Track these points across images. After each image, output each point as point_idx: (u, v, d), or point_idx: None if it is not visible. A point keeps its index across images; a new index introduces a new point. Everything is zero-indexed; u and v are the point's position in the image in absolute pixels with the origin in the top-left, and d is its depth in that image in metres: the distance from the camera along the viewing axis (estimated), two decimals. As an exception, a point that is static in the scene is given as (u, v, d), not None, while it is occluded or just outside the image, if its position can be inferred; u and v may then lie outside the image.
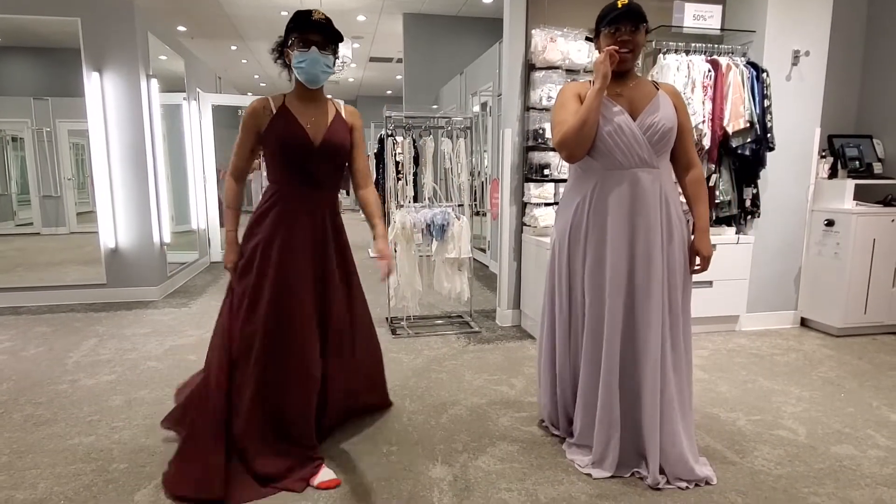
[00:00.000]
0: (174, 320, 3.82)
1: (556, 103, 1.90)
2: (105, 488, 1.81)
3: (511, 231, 3.60)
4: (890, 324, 3.52)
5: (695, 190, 1.88)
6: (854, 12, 3.82)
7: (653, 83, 1.86)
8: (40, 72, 4.87)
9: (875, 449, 2.09)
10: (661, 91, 1.83)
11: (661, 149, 1.79)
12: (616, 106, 1.78)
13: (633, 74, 1.84)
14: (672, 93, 1.86)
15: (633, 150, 1.77)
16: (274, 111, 1.81)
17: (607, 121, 1.77)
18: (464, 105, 6.36)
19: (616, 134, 1.76)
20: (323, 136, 1.81)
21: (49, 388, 2.62)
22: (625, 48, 1.74)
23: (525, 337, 3.45)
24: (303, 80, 1.80)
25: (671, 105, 1.80)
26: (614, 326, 1.81)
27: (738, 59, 3.30)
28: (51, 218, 4.96)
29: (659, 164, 1.80)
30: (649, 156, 1.77)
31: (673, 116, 1.78)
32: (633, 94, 1.80)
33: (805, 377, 2.82)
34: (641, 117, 1.77)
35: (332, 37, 1.77)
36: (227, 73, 11.00)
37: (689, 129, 1.86)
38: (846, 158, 3.60)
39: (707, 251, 1.85)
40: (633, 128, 1.75)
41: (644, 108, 1.78)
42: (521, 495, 1.77)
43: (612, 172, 1.80)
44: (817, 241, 3.58)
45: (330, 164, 1.86)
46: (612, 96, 1.79)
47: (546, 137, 3.36)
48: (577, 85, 1.90)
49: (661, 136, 1.76)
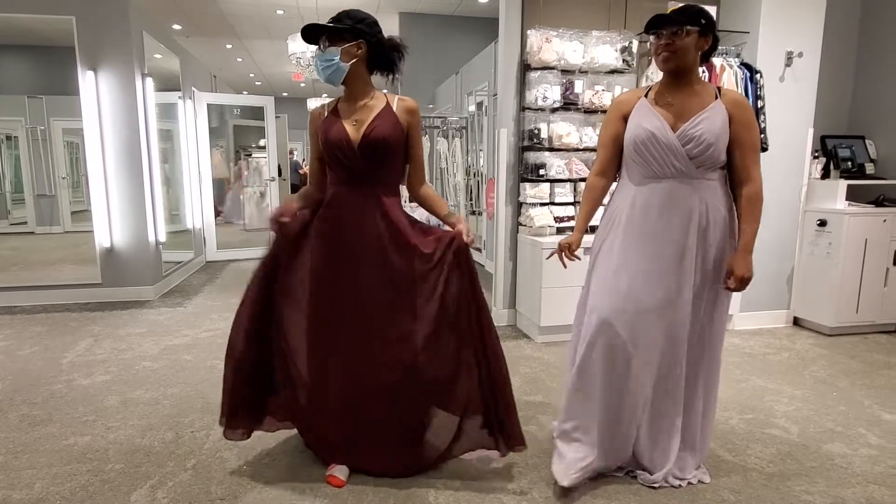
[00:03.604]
0: (169, 320, 3.81)
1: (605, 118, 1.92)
2: (101, 488, 1.81)
3: (507, 231, 3.61)
4: (881, 323, 3.56)
5: (745, 207, 1.77)
6: (847, 14, 3.85)
7: (717, 91, 1.76)
8: (35, 70, 4.85)
9: (866, 447, 2.11)
10: (719, 101, 1.73)
11: (705, 161, 1.71)
12: (656, 115, 1.74)
13: (691, 79, 1.75)
14: (733, 102, 1.74)
15: (667, 161, 1.72)
16: (326, 115, 1.84)
17: (643, 129, 1.73)
18: (459, 105, 6.36)
19: (650, 143, 1.72)
20: (363, 133, 1.77)
21: (44, 389, 2.61)
22: (665, 51, 1.70)
23: (521, 337, 3.46)
24: (325, 83, 1.83)
25: (723, 116, 1.71)
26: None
27: (732, 59, 3.32)
28: (45, 217, 4.95)
29: (702, 175, 1.73)
30: (687, 167, 1.71)
31: (720, 129, 1.69)
32: (686, 102, 1.73)
33: (798, 376, 2.84)
34: (684, 127, 1.70)
35: (315, 33, 1.75)
36: (223, 72, 10.95)
37: (749, 141, 1.74)
38: (839, 159, 3.62)
39: (742, 272, 1.72)
40: (669, 138, 1.70)
41: (690, 117, 1.71)
42: (516, 494, 1.78)
43: (647, 182, 1.77)
44: (810, 241, 3.60)
45: (374, 161, 1.78)
46: (661, 105, 1.76)
47: (541, 138, 3.38)
48: (627, 99, 1.85)
49: (703, 148, 1.69)
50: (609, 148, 1.88)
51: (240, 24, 7.82)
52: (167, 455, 2.01)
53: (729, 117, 1.72)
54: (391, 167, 1.84)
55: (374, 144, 1.76)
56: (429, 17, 7.25)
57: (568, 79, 3.38)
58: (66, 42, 4.02)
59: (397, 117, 1.80)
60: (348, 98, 1.84)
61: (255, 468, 1.93)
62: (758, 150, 1.77)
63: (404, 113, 1.83)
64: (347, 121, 1.79)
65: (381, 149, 1.77)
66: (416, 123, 1.87)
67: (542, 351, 3.17)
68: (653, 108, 1.76)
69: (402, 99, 1.85)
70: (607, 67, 3.39)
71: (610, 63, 3.37)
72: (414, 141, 1.87)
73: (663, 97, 1.77)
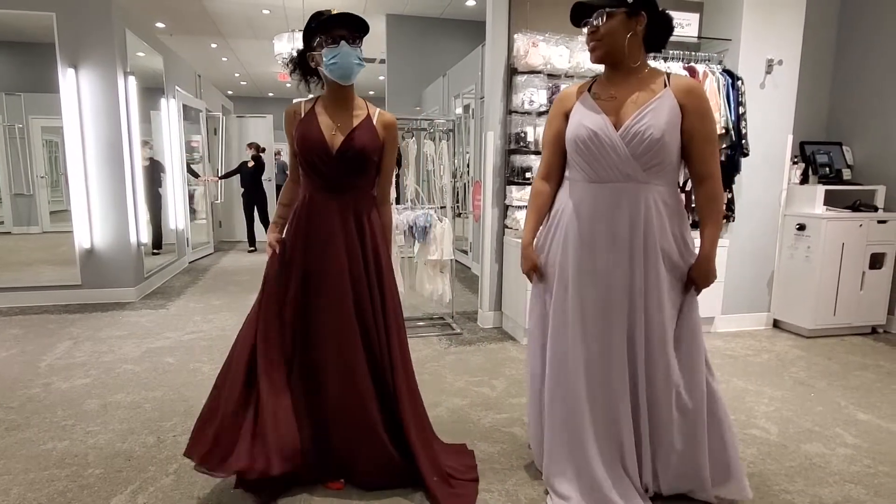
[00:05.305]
0: (151, 322, 3.75)
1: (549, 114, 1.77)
2: (80, 494, 1.77)
3: (493, 233, 3.63)
4: (858, 325, 3.64)
5: (703, 208, 1.61)
6: (825, 25, 3.94)
7: (665, 78, 1.57)
8: (12, 67, 4.75)
9: (843, 447, 2.16)
10: (667, 90, 1.53)
11: (651, 161, 1.53)
12: (598, 111, 1.57)
13: (632, 67, 1.57)
14: (685, 90, 1.53)
15: (611, 162, 1.55)
16: (303, 115, 1.78)
17: (584, 128, 1.57)
18: (446, 107, 6.38)
19: (592, 143, 1.56)
20: (343, 141, 1.74)
21: (21, 392, 2.55)
22: (590, 40, 1.56)
23: (506, 339, 3.47)
24: (337, 78, 1.72)
25: (671, 108, 1.51)
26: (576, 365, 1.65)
27: (714, 66, 3.39)
28: (23, 217, 4.84)
29: (651, 178, 1.55)
30: (633, 169, 1.54)
31: (666, 123, 1.50)
32: (630, 94, 1.55)
33: (777, 377, 2.90)
34: (627, 124, 1.52)
35: (358, 27, 1.70)
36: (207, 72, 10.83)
37: (704, 134, 1.54)
38: (817, 165, 3.71)
39: (703, 282, 1.60)
40: (612, 137, 1.53)
41: (634, 112, 1.53)
42: (501, 496, 1.79)
43: (590, 185, 1.62)
44: (789, 245, 3.68)
45: (351, 170, 1.76)
46: (604, 98, 1.58)
47: (528, 141, 3.40)
48: (569, 94, 1.70)
49: (646, 147, 1.51)
50: (552, 147, 1.73)
51: (225, 24, 7.75)
52: (148, 460, 1.98)
53: (681, 108, 1.52)
54: (367, 176, 1.84)
55: (353, 153, 1.75)
56: (416, 20, 7.26)
57: (554, 83, 3.41)
58: (45, 39, 3.95)
59: (377, 130, 1.80)
60: (333, 101, 1.79)
61: (239, 472, 1.91)
62: (715, 141, 1.58)
63: (382, 128, 1.82)
64: (327, 126, 1.76)
65: (359, 158, 1.76)
66: (393, 140, 1.87)
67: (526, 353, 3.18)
68: (595, 104, 1.59)
69: (383, 113, 1.85)
70: (593, 72, 3.42)
71: (595, 68, 3.40)
72: (387, 156, 1.87)
73: (606, 90, 1.59)
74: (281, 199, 1.93)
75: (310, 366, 1.80)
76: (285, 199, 1.92)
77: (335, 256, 1.77)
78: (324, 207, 1.78)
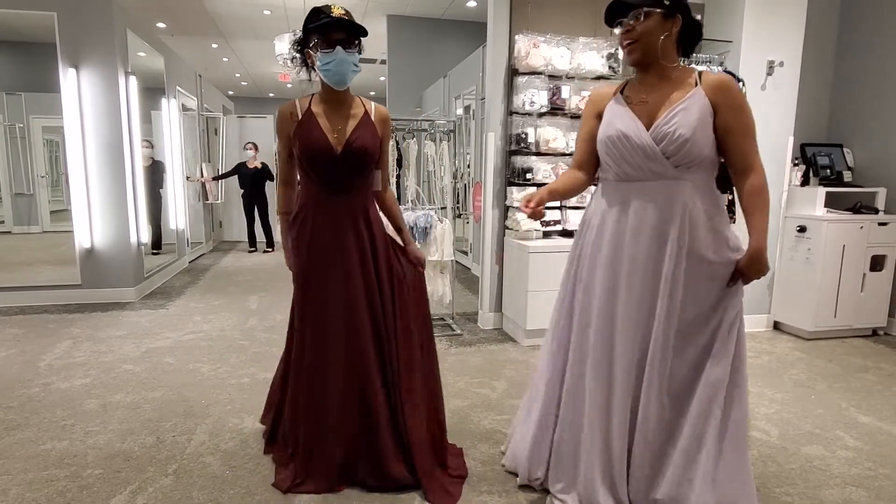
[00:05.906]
0: (151, 322, 3.75)
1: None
2: (79, 494, 1.77)
3: (493, 234, 3.62)
4: (858, 327, 3.63)
5: (749, 201, 1.58)
6: (825, 26, 3.94)
7: (696, 76, 1.56)
8: (13, 66, 4.75)
9: (844, 450, 2.16)
10: (698, 88, 1.53)
11: (683, 159, 1.53)
12: (630, 114, 1.59)
13: (665, 69, 1.57)
14: (715, 87, 1.52)
15: (641, 162, 1.57)
16: (300, 116, 1.75)
17: (615, 129, 1.59)
18: (447, 108, 6.38)
19: (622, 144, 1.58)
20: (346, 142, 1.73)
21: (20, 392, 2.55)
22: (626, 39, 1.55)
23: (507, 340, 3.47)
24: (332, 84, 1.72)
25: (702, 106, 1.51)
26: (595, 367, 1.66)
27: (715, 68, 3.38)
28: (23, 216, 4.84)
29: (685, 175, 1.55)
30: (664, 168, 1.55)
31: (697, 121, 1.50)
32: (662, 95, 1.56)
33: (777, 379, 2.89)
34: (657, 124, 1.53)
35: (356, 31, 1.67)
36: (208, 72, 10.84)
37: (740, 128, 1.53)
38: (818, 166, 3.70)
39: (755, 273, 1.56)
40: (642, 137, 1.54)
41: (665, 112, 1.54)
42: (501, 498, 1.78)
43: (620, 184, 1.63)
44: (790, 247, 3.67)
45: (355, 170, 1.77)
46: (636, 102, 1.60)
47: (529, 142, 3.40)
48: (602, 95, 1.72)
49: (678, 145, 1.51)
50: (584, 146, 1.76)
51: (225, 24, 7.75)
52: (148, 460, 1.98)
53: (713, 105, 1.52)
54: (369, 174, 1.85)
55: (358, 152, 1.74)
56: (417, 21, 7.26)
57: (555, 84, 3.41)
58: (46, 38, 3.95)
59: (376, 127, 1.80)
60: (329, 100, 1.77)
61: (238, 473, 1.91)
62: (753, 134, 1.56)
63: (381, 122, 1.83)
64: (328, 127, 1.74)
65: (363, 157, 1.76)
66: (388, 131, 1.91)
67: (527, 354, 3.18)
68: (627, 107, 1.61)
69: (378, 107, 1.85)
70: (594, 73, 3.43)
71: (596, 69, 3.41)
72: (384, 146, 1.89)
73: (638, 93, 1.61)
74: (282, 208, 1.93)
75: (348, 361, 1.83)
76: (283, 207, 1.92)
77: (348, 258, 1.79)
78: (332, 210, 1.78)
